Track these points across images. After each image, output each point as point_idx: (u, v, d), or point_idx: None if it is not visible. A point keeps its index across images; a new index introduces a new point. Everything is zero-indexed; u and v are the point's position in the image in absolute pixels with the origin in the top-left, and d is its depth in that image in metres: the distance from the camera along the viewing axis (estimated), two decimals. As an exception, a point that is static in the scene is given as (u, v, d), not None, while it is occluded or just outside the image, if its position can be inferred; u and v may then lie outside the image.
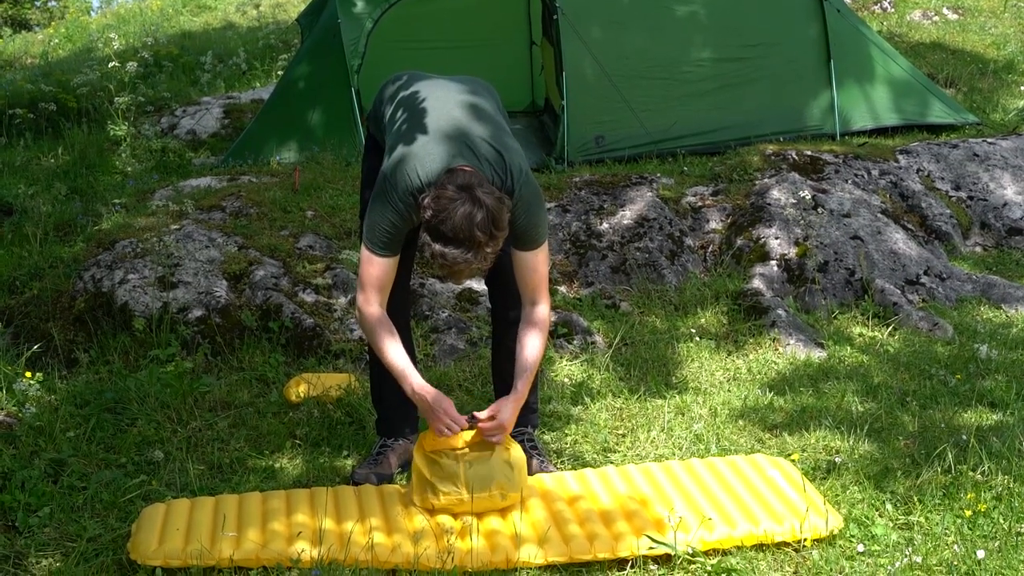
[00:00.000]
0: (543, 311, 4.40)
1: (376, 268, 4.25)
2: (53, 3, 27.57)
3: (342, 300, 6.44)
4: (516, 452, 4.35)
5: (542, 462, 4.80)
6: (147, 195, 7.94)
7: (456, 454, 4.28)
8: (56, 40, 17.12)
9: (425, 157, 4.12)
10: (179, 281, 6.29)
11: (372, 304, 4.28)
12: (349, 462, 4.91)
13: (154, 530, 4.00)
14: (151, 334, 5.94)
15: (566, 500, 4.34)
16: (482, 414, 4.35)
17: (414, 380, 4.30)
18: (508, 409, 4.35)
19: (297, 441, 5.11)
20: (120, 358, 5.85)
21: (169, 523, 4.05)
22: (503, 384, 4.62)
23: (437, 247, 3.90)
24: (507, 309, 4.65)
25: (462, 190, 3.88)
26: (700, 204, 8.06)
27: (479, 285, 6.81)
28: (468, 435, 4.33)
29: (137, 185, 8.43)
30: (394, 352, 4.30)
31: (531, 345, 4.37)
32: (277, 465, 4.89)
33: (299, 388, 5.51)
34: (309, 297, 6.39)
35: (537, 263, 4.34)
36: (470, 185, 3.90)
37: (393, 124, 4.37)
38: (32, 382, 5.33)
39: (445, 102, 4.34)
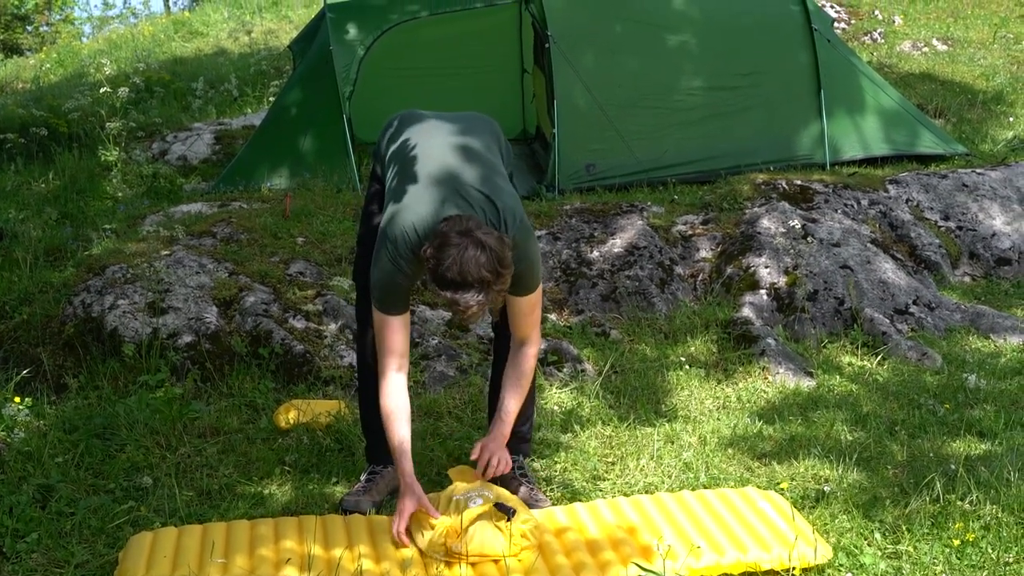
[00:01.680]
0: (531, 352, 4.48)
1: (394, 331, 4.28)
2: (45, 28, 27.64)
3: (332, 327, 6.44)
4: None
5: (532, 491, 4.79)
6: (137, 220, 7.93)
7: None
8: (48, 65, 17.13)
9: (418, 209, 4.14)
10: (169, 307, 6.29)
11: (386, 372, 4.31)
12: (339, 489, 4.90)
13: (141, 557, 3.98)
14: (141, 360, 5.93)
15: (553, 532, 4.34)
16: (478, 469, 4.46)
17: (408, 463, 4.32)
18: (494, 443, 4.49)
19: (286, 468, 5.10)
20: (109, 383, 5.84)
21: (156, 550, 4.03)
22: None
23: (448, 294, 3.93)
24: (510, 345, 4.67)
25: (462, 235, 3.90)
26: (690, 233, 8.07)
27: (469, 312, 6.82)
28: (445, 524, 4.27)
29: (128, 210, 8.43)
30: (401, 434, 4.31)
31: (513, 396, 4.50)
32: (266, 492, 4.88)
33: (289, 415, 5.49)
34: (299, 323, 6.39)
35: (532, 307, 4.40)
36: (469, 229, 3.92)
37: (387, 177, 4.40)
38: (21, 407, 5.32)
39: (434, 148, 4.36)
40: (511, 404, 4.50)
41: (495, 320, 4.80)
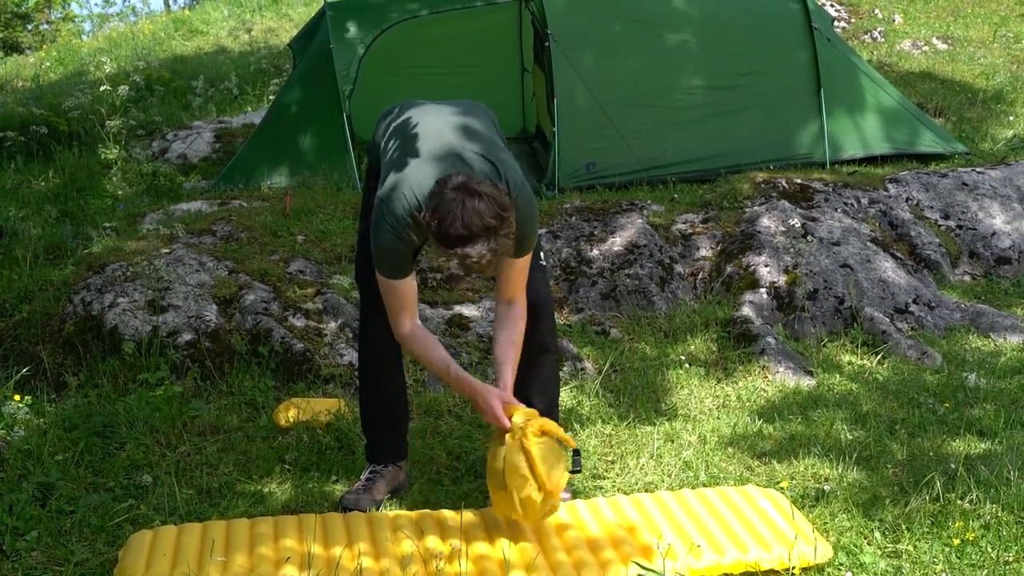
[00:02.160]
0: (521, 312, 4.45)
1: (398, 294, 4.30)
2: (45, 26, 27.66)
3: (332, 325, 6.44)
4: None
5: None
6: (137, 219, 7.94)
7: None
8: (48, 63, 17.13)
9: (418, 177, 4.14)
10: (169, 305, 6.29)
11: (406, 326, 4.34)
12: (338, 487, 4.90)
13: (141, 556, 3.98)
14: (140, 358, 5.93)
15: (554, 529, 4.34)
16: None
17: (464, 375, 4.36)
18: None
19: (286, 466, 5.10)
20: (109, 382, 5.84)
21: (156, 548, 4.03)
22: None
23: (457, 250, 3.92)
24: (530, 338, 4.63)
25: (457, 190, 3.90)
26: (690, 231, 8.08)
27: (470, 311, 6.82)
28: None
29: (128, 209, 8.43)
30: (439, 357, 4.35)
31: (507, 337, 4.43)
32: (266, 490, 4.88)
33: (288, 413, 5.49)
34: (299, 322, 6.39)
35: (525, 267, 4.41)
36: (462, 183, 3.92)
37: (387, 153, 4.38)
38: (21, 405, 5.32)
39: (436, 125, 4.36)
40: (509, 346, 4.42)
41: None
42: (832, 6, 15.17)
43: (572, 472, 4.40)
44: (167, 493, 4.73)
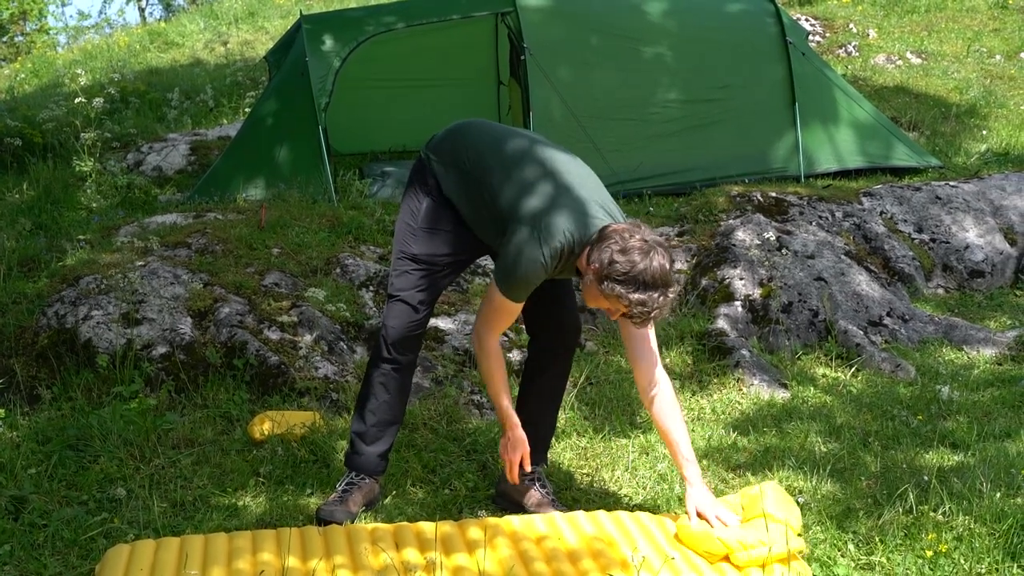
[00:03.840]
0: (666, 378, 4.52)
1: (508, 313, 4.41)
2: (19, 38, 27.54)
3: (307, 338, 6.43)
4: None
5: (553, 502, 4.86)
6: (112, 231, 7.90)
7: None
8: (22, 75, 17.08)
9: (579, 217, 4.20)
10: (143, 318, 6.27)
11: (494, 339, 4.49)
12: (313, 500, 4.89)
13: (118, 570, 3.96)
14: (115, 371, 5.91)
15: (533, 540, 4.34)
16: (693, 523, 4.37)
17: (510, 410, 4.57)
18: (707, 498, 4.42)
19: (261, 479, 5.08)
20: (83, 395, 5.81)
21: (133, 564, 4.01)
22: (527, 423, 4.72)
23: (636, 296, 4.01)
24: (555, 338, 4.85)
25: (645, 242, 4.03)
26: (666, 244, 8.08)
27: (445, 323, 6.82)
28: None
29: (102, 221, 8.40)
30: (501, 380, 4.50)
31: (681, 428, 4.49)
32: (240, 503, 4.86)
33: (263, 426, 5.48)
34: (274, 335, 6.38)
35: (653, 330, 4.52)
36: (653, 240, 4.06)
37: (518, 176, 4.36)
38: (-6, 418, 5.30)
39: (576, 166, 4.46)
40: (685, 437, 4.48)
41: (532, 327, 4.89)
42: (807, 20, 15.24)
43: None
44: (141, 506, 4.71)
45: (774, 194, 8.67)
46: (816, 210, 8.49)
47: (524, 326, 4.97)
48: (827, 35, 15.19)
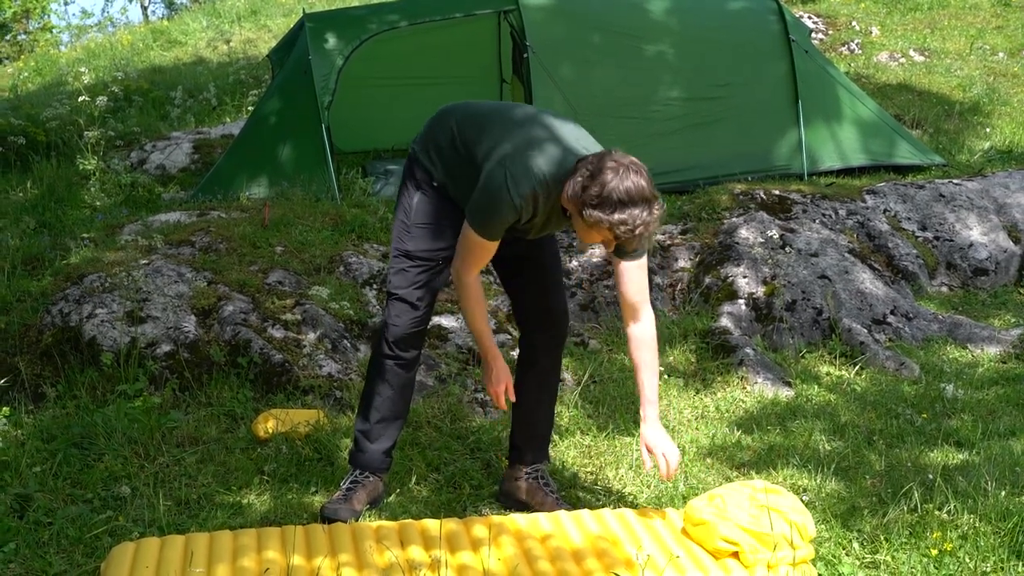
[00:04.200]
0: (651, 321, 4.51)
1: (484, 250, 4.38)
2: (23, 36, 27.56)
3: (311, 336, 6.43)
4: None
5: (557, 500, 4.85)
6: (116, 229, 7.91)
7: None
8: (26, 73, 17.09)
9: (545, 149, 4.21)
10: (147, 316, 6.27)
11: (472, 275, 4.46)
12: (317, 498, 4.89)
13: (124, 568, 3.95)
14: (119, 369, 5.91)
15: (538, 539, 4.33)
16: (648, 461, 4.51)
17: (490, 342, 4.61)
18: (658, 435, 4.49)
19: (265, 477, 5.08)
20: (87, 393, 5.81)
21: (139, 561, 4.01)
22: (522, 420, 4.84)
23: (616, 216, 3.96)
24: (538, 330, 4.84)
25: (619, 163, 4.00)
26: (669, 243, 8.10)
27: (448, 321, 6.82)
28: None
29: (106, 219, 8.40)
30: (481, 315, 4.54)
31: (651, 371, 4.52)
32: (245, 501, 4.86)
33: (267, 424, 5.48)
34: (278, 333, 6.38)
35: (645, 267, 4.48)
36: (626, 161, 4.02)
37: (498, 130, 4.38)
38: (-2, 416, 5.30)
39: (555, 116, 4.49)
40: (653, 380, 4.50)
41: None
42: (809, 18, 15.23)
43: None
44: (146, 505, 4.71)
45: (777, 192, 8.67)
46: (819, 208, 8.49)
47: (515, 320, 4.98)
48: (830, 32, 15.19)
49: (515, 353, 6.44)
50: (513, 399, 4.66)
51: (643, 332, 4.46)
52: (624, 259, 4.34)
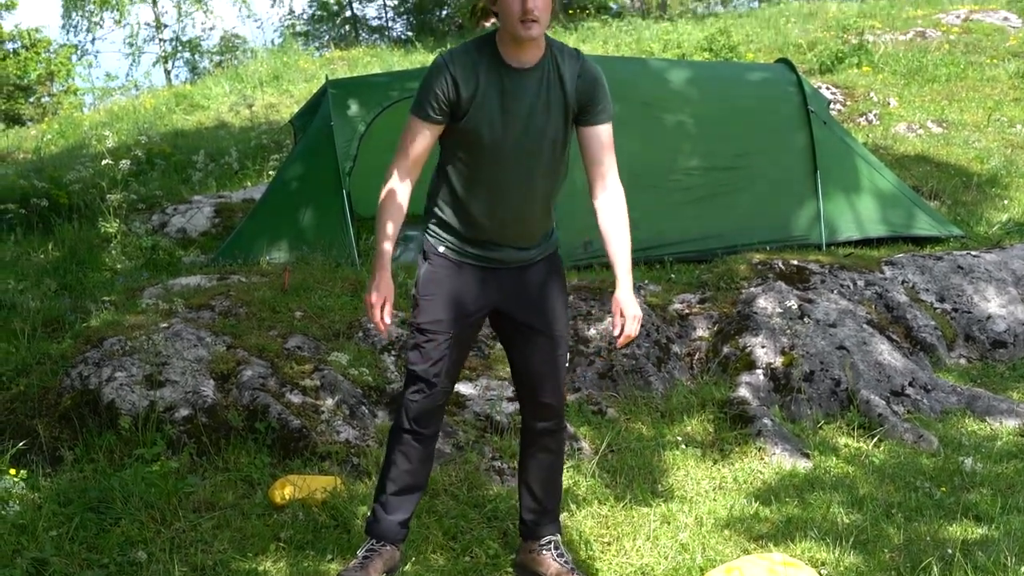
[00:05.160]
0: (620, 193, 4.90)
1: (415, 136, 4.46)
2: (47, 98, 27.84)
3: (329, 402, 6.44)
4: None
5: (572, 571, 4.81)
6: (136, 293, 7.95)
7: None
8: (49, 136, 17.27)
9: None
10: (166, 380, 6.29)
11: (396, 168, 4.49)
12: (334, 566, 4.88)
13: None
14: (137, 432, 5.92)
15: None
16: (617, 323, 4.58)
17: (385, 247, 4.48)
18: (629, 302, 4.59)
19: (281, 544, 5.08)
20: (105, 456, 5.82)
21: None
22: (529, 495, 4.82)
23: None
24: (535, 419, 4.78)
25: None
26: (687, 311, 8.10)
27: (466, 388, 6.82)
28: None
29: (126, 282, 8.45)
30: (388, 215, 4.48)
31: (624, 238, 4.78)
32: (261, 568, 4.86)
33: (284, 490, 5.48)
34: (296, 398, 6.39)
35: (611, 137, 4.82)
36: None
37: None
38: (16, 479, 5.31)
39: None
40: (625, 249, 4.71)
41: None
42: (828, 89, 15.31)
43: None
44: (162, 570, 4.71)
45: (796, 262, 8.68)
46: (838, 279, 8.49)
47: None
48: (848, 103, 15.27)
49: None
50: (388, 321, 4.52)
51: (611, 202, 4.78)
52: (588, 125, 4.60)
